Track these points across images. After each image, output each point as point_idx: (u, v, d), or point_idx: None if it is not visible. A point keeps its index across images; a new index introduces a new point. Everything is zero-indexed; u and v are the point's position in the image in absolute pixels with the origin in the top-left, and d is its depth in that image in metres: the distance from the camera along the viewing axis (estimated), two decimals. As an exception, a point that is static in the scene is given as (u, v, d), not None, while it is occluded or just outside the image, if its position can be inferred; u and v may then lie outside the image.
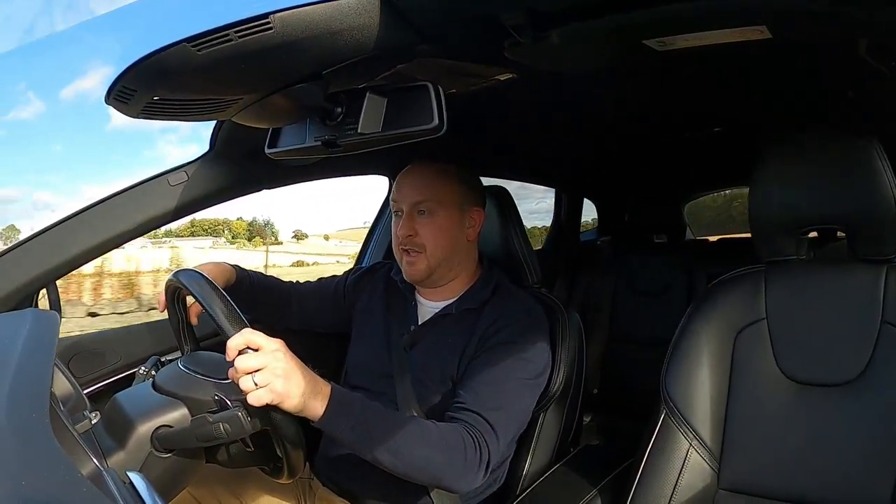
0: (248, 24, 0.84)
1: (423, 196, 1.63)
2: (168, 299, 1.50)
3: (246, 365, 1.18)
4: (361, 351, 1.79)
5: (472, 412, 1.43)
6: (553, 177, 3.62)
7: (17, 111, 50.76)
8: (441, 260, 1.64)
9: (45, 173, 66.10)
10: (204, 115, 1.09)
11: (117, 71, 0.91)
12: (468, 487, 1.41)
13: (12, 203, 64.02)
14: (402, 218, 1.65)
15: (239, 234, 34.32)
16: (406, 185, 1.67)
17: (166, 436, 1.20)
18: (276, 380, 1.18)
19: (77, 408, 1.06)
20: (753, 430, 1.42)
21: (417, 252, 1.63)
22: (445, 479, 1.38)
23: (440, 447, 1.36)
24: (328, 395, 1.28)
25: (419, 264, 1.64)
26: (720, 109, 2.13)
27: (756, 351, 1.44)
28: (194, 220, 32.68)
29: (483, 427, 1.41)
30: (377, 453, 1.33)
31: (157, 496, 0.89)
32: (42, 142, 47.27)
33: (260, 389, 1.17)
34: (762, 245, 1.49)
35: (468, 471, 1.38)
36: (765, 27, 1.06)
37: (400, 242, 1.66)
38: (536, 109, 1.91)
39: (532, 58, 1.19)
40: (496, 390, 1.47)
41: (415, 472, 1.36)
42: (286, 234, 34.03)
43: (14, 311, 1.56)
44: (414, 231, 1.63)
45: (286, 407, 1.21)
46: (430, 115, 1.02)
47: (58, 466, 0.69)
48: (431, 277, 1.67)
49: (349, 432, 1.30)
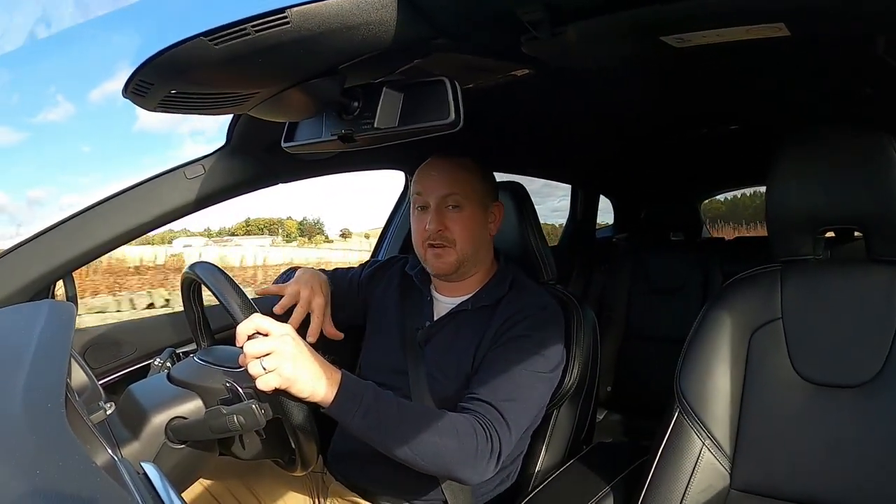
0: (265, 19, 0.84)
1: (452, 190, 1.62)
2: (184, 293, 1.51)
3: (255, 349, 1.19)
4: (376, 346, 1.79)
5: (484, 402, 1.43)
6: (569, 173, 3.61)
7: (46, 113, 51.26)
8: (469, 254, 1.64)
9: (73, 175, 66.78)
10: (221, 109, 1.09)
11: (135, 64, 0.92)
12: (479, 478, 1.40)
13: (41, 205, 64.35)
14: (431, 212, 1.64)
15: (292, 233, 35.17)
16: (432, 178, 1.66)
17: (180, 427, 1.21)
18: (285, 364, 1.19)
19: (92, 398, 1.07)
20: (767, 430, 1.41)
21: (446, 246, 1.62)
22: (456, 469, 1.37)
23: (451, 436, 1.35)
24: (338, 382, 1.28)
25: (448, 257, 1.63)
26: (737, 107, 2.12)
27: (771, 351, 1.43)
28: (249, 220, 33.63)
29: (494, 417, 1.41)
30: (387, 441, 1.33)
31: (170, 487, 0.89)
32: (71, 143, 47.94)
33: (269, 374, 1.18)
34: (778, 244, 1.48)
35: (479, 460, 1.37)
36: (783, 24, 1.05)
37: (428, 237, 1.64)
38: (552, 105, 1.90)
39: (549, 54, 1.18)
40: (509, 382, 1.46)
41: (425, 461, 1.35)
42: (333, 232, 34.87)
43: (31, 302, 1.58)
44: (444, 225, 1.62)
45: (295, 391, 1.21)
46: (447, 111, 1.02)
47: (72, 456, 0.69)
48: (460, 271, 1.66)
49: (360, 419, 1.30)
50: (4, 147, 21.05)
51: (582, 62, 1.28)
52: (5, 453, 0.68)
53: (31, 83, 36.47)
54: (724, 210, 5.61)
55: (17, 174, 23.68)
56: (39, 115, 28.36)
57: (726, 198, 5.22)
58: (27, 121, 24.40)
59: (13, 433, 0.72)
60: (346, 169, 2.16)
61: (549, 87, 1.58)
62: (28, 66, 31.92)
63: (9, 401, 0.79)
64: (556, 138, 2.51)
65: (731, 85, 1.75)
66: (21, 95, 27.82)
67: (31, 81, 35.36)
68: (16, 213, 37.22)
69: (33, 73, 42.06)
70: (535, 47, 1.12)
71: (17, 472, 0.65)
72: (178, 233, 30.02)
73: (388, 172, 2.61)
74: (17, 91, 28.51)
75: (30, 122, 24.30)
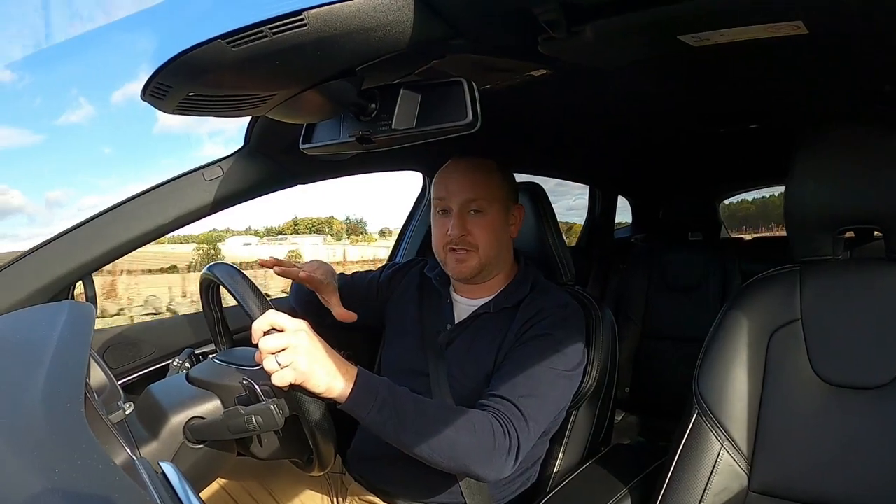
0: (283, 21, 0.84)
1: (474, 194, 1.62)
2: (203, 295, 1.52)
3: (270, 345, 1.20)
4: (395, 348, 1.79)
5: (502, 399, 1.43)
6: (587, 173, 3.61)
7: (68, 115, 51.76)
8: (492, 258, 1.64)
9: (93, 176, 67.23)
10: (238, 111, 1.09)
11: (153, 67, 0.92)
12: (496, 475, 1.39)
13: (60, 206, 65.12)
14: (453, 217, 1.63)
15: (339, 232, 36.87)
16: (454, 182, 1.65)
17: (199, 427, 1.22)
18: (300, 359, 1.19)
19: (111, 398, 1.08)
20: (786, 432, 1.40)
21: (468, 251, 1.62)
22: (473, 465, 1.36)
23: (468, 431, 1.35)
24: (354, 377, 1.29)
25: (470, 261, 1.63)
26: (755, 106, 2.11)
27: (790, 352, 1.42)
28: (297, 219, 36.04)
29: (513, 413, 1.40)
30: (403, 436, 1.33)
31: (188, 486, 0.90)
32: (91, 145, 48.47)
33: (284, 369, 1.19)
34: (798, 244, 1.47)
35: (497, 457, 1.36)
36: (801, 22, 1.04)
37: (449, 241, 1.64)
38: (570, 105, 1.90)
39: (566, 53, 1.18)
40: (528, 379, 1.46)
41: (442, 456, 1.34)
42: (374, 231, 36.32)
43: (51, 302, 1.59)
44: (467, 230, 1.61)
45: (310, 387, 1.21)
46: (465, 111, 1.02)
47: (91, 455, 0.70)
48: (481, 274, 1.66)
49: (376, 414, 1.30)
50: (25, 149, 21.41)
51: (599, 62, 1.27)
52: (25, 452, 0.69)
53: (54, 86, 36.89)
54: (754, 210, 5.57)
55: (38, 176, 23.84)
56: (61, 118, 28.74)
57: (755, 198, 5.18)
58: (49, 123, 24.76)
59: (33, 432, 0.73)
60: (363, 170, 2.17)
61: (566, 87, 1.57)
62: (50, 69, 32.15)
63: (29, 400, 0.79)
64: (573, 138, 2.50)
65: (749, 83, 1.74)
66: (43, 98, 28.28)
67: (53, 84, 35.69)
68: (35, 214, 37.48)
69: (56, 76, 42.72)
70: (553, 47, 1.12)
71: (37, 470, 0.66)
72: (223, 232, 31.22)
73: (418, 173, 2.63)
74: (39, 94, 28.91)
75: (52, 125, 24.66)
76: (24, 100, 67.54)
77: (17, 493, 0.63)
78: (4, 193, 74.10)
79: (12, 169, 49.17)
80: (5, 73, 58.32)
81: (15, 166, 48.70)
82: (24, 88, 69.12)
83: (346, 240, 35.32)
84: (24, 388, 0.84)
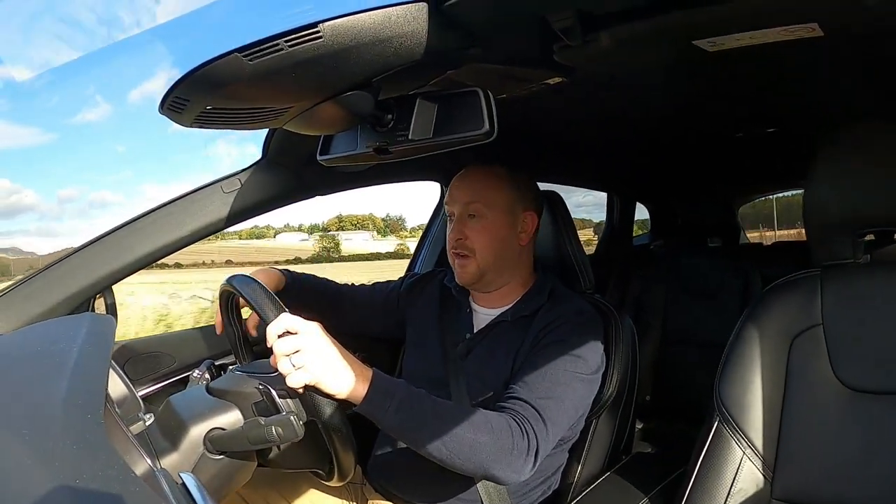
0: (298, 34, 0.84)
1: (471, 199, 1.64)
2: (222, 308, 1.53)
3: (283, 348, 1.21)
4: (416, 358, 1.80)
5: (520, 401, 1.42)
6: (605, 180, 3.60)
7: (85, 113, 51.94)
8: (491, 263, 1.64)
9: (104, 173, 67.34)
10: (256, 124, 1.10)
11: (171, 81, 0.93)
12: (516, 476, 1.38)
13: (71, 202, 65.48)
14: (454, 221, 1.66)
15: (382, 229, 39.21)
16: (457, 188, 1.68)
17: (219, 438, 1.22)
18: (313, 360, 1.21)
19: (132, 409, 1.08)
20: (808, 438, 1.38)
21: (467, 256, 1.63)
22: (491, 466, 1.35)
23: (486, 432, 1.34)
24: (370, 378, 1.29)
25: (469, 267, 1.64)
26: (772, 109, 2.09)
27: (811, 357, 1.40)
28: (341, 216, 38.26)
29: (531, 414, 1.40)
30: (421, 438, 1.33)
31: (208, 497, 0.90)
32: (105, 143, 48.59)
33: (298, 370, 1.20)
34: (818, 248, 1.45)
35: (515, 458, 1.36)
36: (816, 24, 1.04)
37: (452, 246, 1.66)
38: (586, 113, 1.90)
39: (581, 61, 1.18)
40: (545, 381, 1.46)
41: (460, 458, 1.33)
42: (412, 226, 37.85)
43: (72, 314, 1.60)
44: (463, 234, 1.63)
45: (325, 387, 1.22)
46: (481, 121, 1.02)
47: (112, 466, 0.70)
48: (483, 281, 1.67)
49: (392, 415, 1.30)
50: (42, 147, 21.47)
51: (615, 68, 1.28)
52: (46, 463, 0.69)
53: (72, 85, 36.97)
54: (780, 209, 5.50)
55: (51, 174, 23.89)
56: (78, 116, 28.87)
57: (778, 197, 5.12)
58: (65, 121, 24.87)
59: (54, 443, 0.73)
60: (381, 181, 2.17)
61: (582, 94, 1.57)
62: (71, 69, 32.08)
63: (50, 411, 0.80)
64: (591, 146, 2.50)
65: (766, 87, 1.73)
66: (61, 97, 28.38)
67: (71, 83, 35.81)
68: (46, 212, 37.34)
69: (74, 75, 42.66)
70: (568, 55, 1.12)
71: (58, 481, 0.66)
72: (265, 229, 34.02)
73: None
74: (57, 93, 28.97)
75: (68, 123, 24.81)
76: (42, 98, 67.99)
77: (40, 503, 0.64)
78: (18, 192, 74.93)
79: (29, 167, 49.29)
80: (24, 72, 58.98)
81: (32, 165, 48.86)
82: (42, 87, 69.98)
83: (397, 236, 37.00)
84: (45, 399, 0.84)
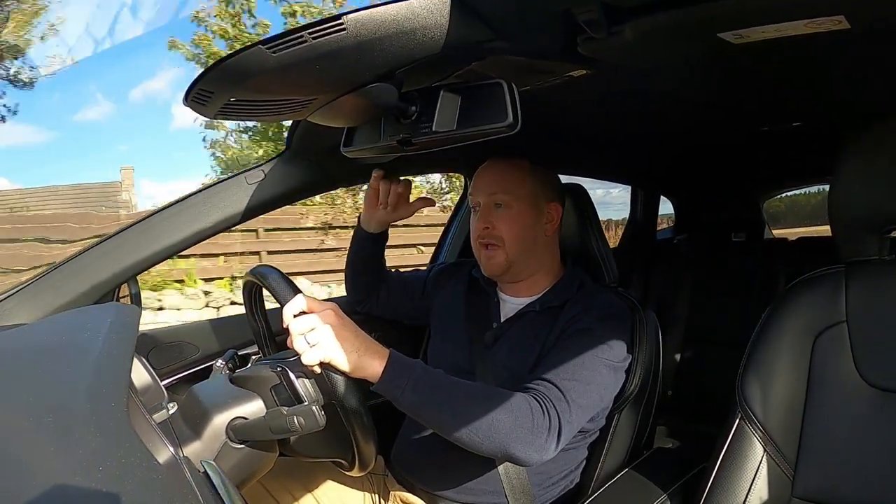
0: (322, 26, 0.84)
1: (498, 189, 1.65)
2: (246, 301, 1.54)
3: (299, 326, 1.23)
4: (442, 346, 1.81)
5: (544, 381, 1.42)
6: (629, 173, 3.57)
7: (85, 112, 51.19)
8: (518, 253, 1.65)
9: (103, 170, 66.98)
10: (280, 115, 1.10)
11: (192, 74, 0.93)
12: (538, 456, 1.37)
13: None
14: (479, 211, 1.67)
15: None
16: (481, 179, 1.69)
17: (241, 427, 1.23)
18: (327, 337, 1.22)
19: (155, 398, 1.09)
20: (830, 437, 1.36)
21: (495, 246, 1.64)
22: (512, 446, 1.34)
23: (506, 410, 1.34)
24: (386, 357, 1.30)
25: (497, 258, 1.65)
26: (798, 104, 2.06)
27: (835, 355, 1.38)
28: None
29: (554, 395, 1.40)
30: (439, 416, 1.33)
31: (230, 485, 0.91)
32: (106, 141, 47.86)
33: (312, 348, 1.21)
34: (843, 244, 1.43)
35: (536, 436, 1.35)
36: (843, 17, 1.02)
37: (478, 236, 1.67)
38: (611, 106, 1.88)
39: (606, 53, 1.17)
40: (571, 363, 1.46)
41: (479, 436, 1.33)
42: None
43: (97, 304, 1.62)
44: (491, 224, 1.64)
45: (339, 364, 1.23)
46: (505, 113, 1.02)
47: (134, 453, 0.71)
48: (511, 271, 1.67)
49: (410, 393, 1.30)
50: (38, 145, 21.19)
51: (640, 61, 1.26)
52: (69, 450, 0.70)
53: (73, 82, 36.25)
54: (818, 200, 5.41)
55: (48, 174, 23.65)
56: (78, 114, 28.32)
57: (818, 190, 5.04)
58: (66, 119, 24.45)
59: (77, 431, 0.74)
60: (405, 172, 2.17)
61: (607, 87, 1.56)
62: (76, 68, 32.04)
63: (74, 400, 0.81)
64: (615, 138, 2.48)
65: (792, 81, 1.70)
66: (61, 94, 27.76)
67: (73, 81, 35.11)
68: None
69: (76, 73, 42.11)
70: (592, 47, 1.12)
71: (82, 468, 0.67)
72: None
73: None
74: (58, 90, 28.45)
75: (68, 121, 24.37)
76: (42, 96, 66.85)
77: (63, 489, 0.65)
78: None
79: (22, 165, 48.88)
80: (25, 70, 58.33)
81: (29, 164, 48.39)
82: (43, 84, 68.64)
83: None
84: (69, 387, 0.85)
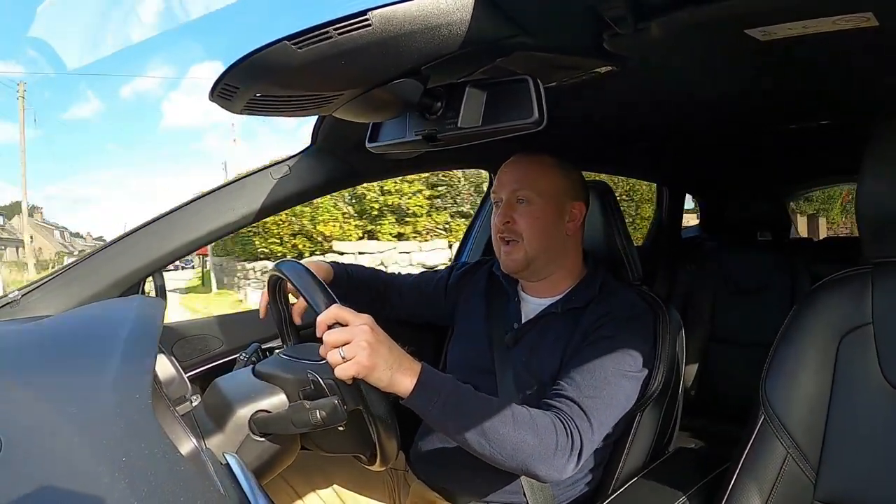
0: (348, 22, 0.85)
1: (520, 185, 1.63)
2: (270, 292, 1.55)
3: (333, 339, 1.21)
4: (462, 347, 1.80)
5: (566, 399, 1.42)
6: (655, 171, 3.55)
7: (76, 109, 51.15)
8: (538, 250, 1.63)
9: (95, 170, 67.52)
10: (305, 111, 1.11)
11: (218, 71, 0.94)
12: (557, 475, 1.38)
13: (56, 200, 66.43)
14: (501, 206, 1.65)
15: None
16: (504, 174, 1.67)
17: (263, 420, 1.24)
18: (362, 352, 1.20)
19: (179, 390, 1.10)
20: (854, 440, 1.34)
21: (515, 241, 1.63)
22: (534, 465, 1.35)
23: (531, 431, 1.34)
24: (417, 372, 1.29)
25: (516, 253, 1.63)
26: (826, 101, 2.03)
27: (860, 357, 1.35)
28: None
29: (577, 414, 1.39)
30: (466, 434, 1.33)
31: (251, 478, 0.92)
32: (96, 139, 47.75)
33: (347, 362, 1.20)
34: (869, 244, 1.40)
35: (558, 457, 1.35)
36: (871, 14, 1.01)
37: (498, 231, 1.65)
38: (636, 102, 1.87)
39: (632, 50, 1.17)
40: (594, 379, 1.45)
41: (503, 455, 1.33)
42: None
43: (122, 297, 1.64)
44: (511, 219, 1.62)
45: (373, 380, 1.22)
46: (530, 109, 1.01)
47: (158, 445, 0.72)
48: (530, 268, 1.66)
49: (438, 410, 1.30)
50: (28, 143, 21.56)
51: (666, 58, 1.26)
52: (95, 441, 0.71)
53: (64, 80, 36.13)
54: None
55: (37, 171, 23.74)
56: (69, 111, 28.92)
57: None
58: (56, 117, 24.91)
59: (102, 421, 0.75)
60: (429, 168, 2.18)
61: (632, 83, 1.55)
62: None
63: (99, 390, 0.82)
64: (641, 136, 2.46)
65: (819, 78, 1.68)
66: (52, 92, 28.40)
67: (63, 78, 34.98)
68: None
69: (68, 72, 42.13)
70: (618, 44, 1.11)
71: (106, 458, 0.68)
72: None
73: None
74: (48, 88, 29.00)
75: (58, 119, 24.88)
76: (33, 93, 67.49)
77: (88, 479, 0.65)
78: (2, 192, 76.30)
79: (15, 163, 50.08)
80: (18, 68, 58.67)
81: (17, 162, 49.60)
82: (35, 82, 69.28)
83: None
84: (95, 379, 0.86)
